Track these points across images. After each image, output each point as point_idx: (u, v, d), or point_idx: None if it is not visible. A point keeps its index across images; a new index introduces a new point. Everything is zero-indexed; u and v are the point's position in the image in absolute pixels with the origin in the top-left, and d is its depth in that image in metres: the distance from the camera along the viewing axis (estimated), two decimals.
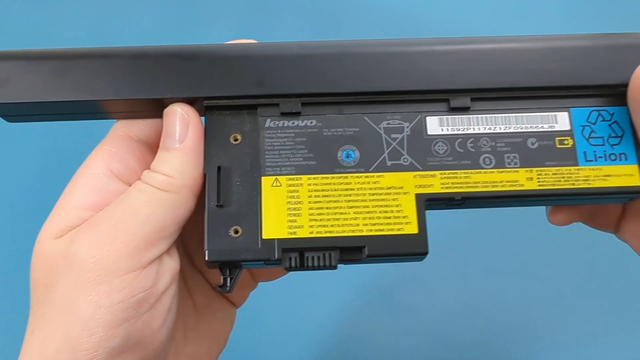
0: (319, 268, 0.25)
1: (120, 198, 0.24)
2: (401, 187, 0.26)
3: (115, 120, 0.27)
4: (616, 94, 0.27)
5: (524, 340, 0.48)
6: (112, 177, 0.25)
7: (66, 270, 0.23)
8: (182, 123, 0.25)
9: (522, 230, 0.51)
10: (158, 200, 0.24)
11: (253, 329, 0.47)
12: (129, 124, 0.27)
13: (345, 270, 0.49)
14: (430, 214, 0.26)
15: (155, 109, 0.27)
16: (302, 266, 0.25)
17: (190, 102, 0.26)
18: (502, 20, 0.58)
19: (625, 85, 0.26)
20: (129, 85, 0.26)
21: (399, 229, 0.25)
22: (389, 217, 0.25)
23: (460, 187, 0.26)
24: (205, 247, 0.25)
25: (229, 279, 0.25)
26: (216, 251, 0.25)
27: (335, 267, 0.25)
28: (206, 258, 0.25)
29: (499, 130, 0.27)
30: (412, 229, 0.25)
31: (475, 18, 0.58)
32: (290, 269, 0.25)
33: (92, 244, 0.23)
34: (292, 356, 0.47)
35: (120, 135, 0.26)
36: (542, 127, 0.27)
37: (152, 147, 0.27)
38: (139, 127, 0.27)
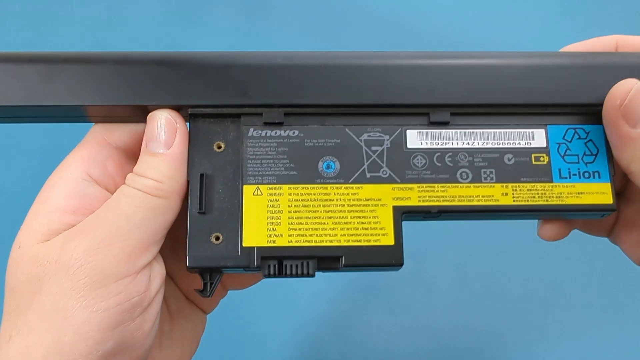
0: (297, 276, 0.26)
1: (109, 203, 0.25)
2: (379, 199, 0.27)
3: (92, 123, 0.28)
4: (592, 112, 0.28)
5: (523, 341, 0.48)
6: (91, 181, 0.26)
7: (59, 276, 0.23)
8: (169, 129, 0.26)
9: (521, 230, 0.51)
10: (149, 206, 0.24)
11: (252, 328, 0.48)
12: (107, 130, 0.27)
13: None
14: None
15: (138, 114, 0.27)
16: (280, 274, 0.26)
17: (176, 109, 0.27)
18: (500, 21, 0.58)
19: (601, 105, 0.27)
20: (116, 92, 0.26)
21: (375, 240, 0.26)
22: (367, 229, 0.26)
23: (437, 201, 0.27)
24: (187, 252, 0.26)
25: (209, 284, 0.26)
26: (197, 257, 0.25)
27: (313, 275, 0.26)
28: (187, 264, 0.25)
29: (476, 146, 0.27)
30: (389, 240, 0.26)
31: (473, 17, 0.59)
32: (269, 276, 0.26)
33: (88, 250, 0.23)
34: (292, 356, 0.48)
35: (98, 141, 0.27)
36: (519, 143, 0.27)
37: (129, 154, 0.27)
38: (118, 134, 0.27)
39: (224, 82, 0.27)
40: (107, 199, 0.26)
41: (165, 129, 0.26)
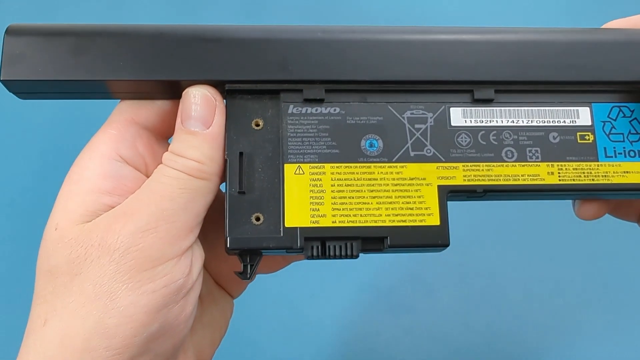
0: (340, 257, 0.25)
1: (150, 185, 0.24)
2: (424, 178, 0.26)
3: (119, 100, 0.27)
4: (637, 90, 0.27)
5: (524, 341, 0.48)
6: (122, 162, 0.25)
7: (103, 259, 0.22)
8: (208, 106, 0.25)
9: (522, 231, 0.51)
10: (192, 188, 0.24)
11: (254, 329, 0.47)
12: (134, 108, 0.26)
13: (346, 270, 0.49)
14: None
15: (168, 91, 0.26)
16: (323, 255, 0.25)
17: (212, 85, 0.26)
18: (503, 20, 0.58)
19: None
20: (149, 66, 0.25)
21: (421, 220, 0.25)
22: (412, 208, 0.25)
23: (482, 180, 0.26)
24: (227, 234, 0.25)
25: (248, 266, 0.25)
26: (238, 239, 0.25)
27: (356, 257, 0.25)
28: (227, 245, 0.24)
29: (521, 124, 0.27)
30: (434, 220, 0.25)
31: (477, 18, 0.58)
32: (311, 257, 0.25)
33: (135, 232, 0.23)
34: (293, 356, 0.47)
35: (126, 119, 0.26)
36: (564, 121, 0.27)
37: (156, 133, 0.27)
38: (146, 113, 0.26)
39: (264, 56, 0.26)
40: (141, 180, 0.25)
41: (204, 106, 0.25)
